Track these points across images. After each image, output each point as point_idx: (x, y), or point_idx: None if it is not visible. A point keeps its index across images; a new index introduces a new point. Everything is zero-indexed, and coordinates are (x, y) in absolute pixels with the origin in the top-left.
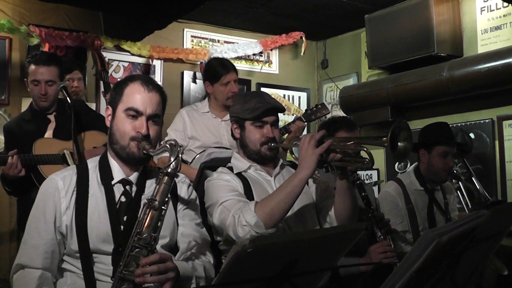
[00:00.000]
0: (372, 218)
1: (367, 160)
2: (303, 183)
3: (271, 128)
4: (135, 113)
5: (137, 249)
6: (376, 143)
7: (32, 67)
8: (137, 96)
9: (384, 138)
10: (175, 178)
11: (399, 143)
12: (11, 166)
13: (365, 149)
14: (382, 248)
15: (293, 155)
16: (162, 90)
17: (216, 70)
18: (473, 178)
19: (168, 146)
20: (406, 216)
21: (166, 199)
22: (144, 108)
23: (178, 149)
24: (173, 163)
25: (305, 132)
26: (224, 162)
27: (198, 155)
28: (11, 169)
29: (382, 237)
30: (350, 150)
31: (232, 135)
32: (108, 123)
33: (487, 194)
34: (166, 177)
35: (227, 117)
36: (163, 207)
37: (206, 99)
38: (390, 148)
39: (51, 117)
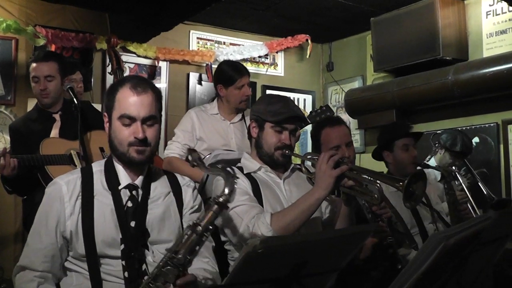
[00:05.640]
0: (365, 203)
1: (376, 195)
2: (319, 203)
3: (289, 136)
4: (129, 120)
5: (168, 267)
6: (391, 184)
7: (33, 65)
8: (128, 102)
9: (401, 183)
10: (181, 182)
11: (414, 191)
12: (3, 167)
13: (378, 185)
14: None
15: (304, 168)
16: (153, 87)
17: (231, 74)
18: (478, 182)
19: (224, 174)
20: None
21: (211, 227)
22: (136, 113)
23: (235, 181)
24: (227, 195)
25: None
26: (230, 163)
27: (205, 158)
28: (4, 169)
29: (373, 219)
30: (362, 181)
31: (248, 132)
32: (106, 130)
33: (491, 194)
34: (216, 206)
35: (236, 119)
36: (204, 234)
37: (215, 101)
38: (403, 194)
39: (56, 116)
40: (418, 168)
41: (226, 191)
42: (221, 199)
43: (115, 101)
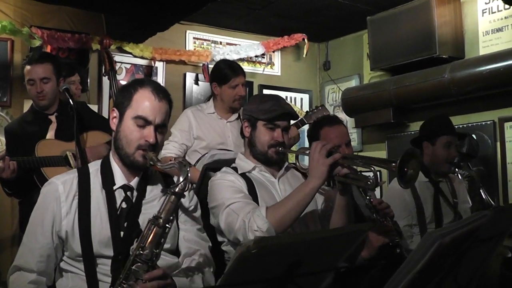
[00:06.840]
0: (369, 203)
1: (371, 180)
2: (314, 193)
3: (281, 133)
4: (144, 122)
5: (138, 264)
6: (385, 167)
7: (27, 67)
8: (147, 104)
9: (394, 164)
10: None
11: (408, 171)
12: (2, 170)
13: (372, 168)
14: (380, 229)
15: (299, 163)
16: (170, 98)
17: (225, 72)
18: (480, 187)
19: (177, 164)
20: (414, 210)
21: (171, 217)
22: (153, 117)
23: (188, 169)
24: (182, 183)
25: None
26: (227, 163)
27: (202, 157)
28: (3, 172)
29: (380, 220)
30: (357, 167)
31: (241, 133)
32: (113, 126)
33: (490, 199)
34: (173, 197)
35: (232, 118)
36: (167, 225)
37: (211, 100)
38: (397, 174)
39: (52, 118)
40: (452, 168)
41: (181, 179)
42: (177, 189)
43: (132, 100)
